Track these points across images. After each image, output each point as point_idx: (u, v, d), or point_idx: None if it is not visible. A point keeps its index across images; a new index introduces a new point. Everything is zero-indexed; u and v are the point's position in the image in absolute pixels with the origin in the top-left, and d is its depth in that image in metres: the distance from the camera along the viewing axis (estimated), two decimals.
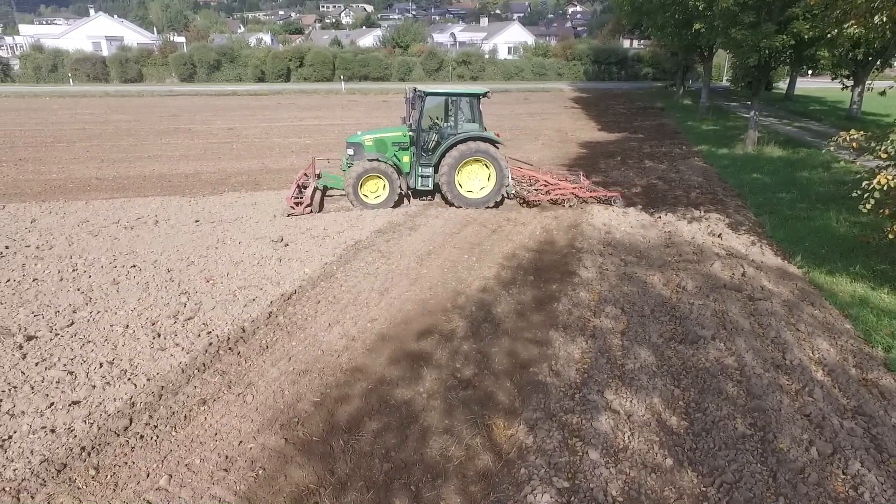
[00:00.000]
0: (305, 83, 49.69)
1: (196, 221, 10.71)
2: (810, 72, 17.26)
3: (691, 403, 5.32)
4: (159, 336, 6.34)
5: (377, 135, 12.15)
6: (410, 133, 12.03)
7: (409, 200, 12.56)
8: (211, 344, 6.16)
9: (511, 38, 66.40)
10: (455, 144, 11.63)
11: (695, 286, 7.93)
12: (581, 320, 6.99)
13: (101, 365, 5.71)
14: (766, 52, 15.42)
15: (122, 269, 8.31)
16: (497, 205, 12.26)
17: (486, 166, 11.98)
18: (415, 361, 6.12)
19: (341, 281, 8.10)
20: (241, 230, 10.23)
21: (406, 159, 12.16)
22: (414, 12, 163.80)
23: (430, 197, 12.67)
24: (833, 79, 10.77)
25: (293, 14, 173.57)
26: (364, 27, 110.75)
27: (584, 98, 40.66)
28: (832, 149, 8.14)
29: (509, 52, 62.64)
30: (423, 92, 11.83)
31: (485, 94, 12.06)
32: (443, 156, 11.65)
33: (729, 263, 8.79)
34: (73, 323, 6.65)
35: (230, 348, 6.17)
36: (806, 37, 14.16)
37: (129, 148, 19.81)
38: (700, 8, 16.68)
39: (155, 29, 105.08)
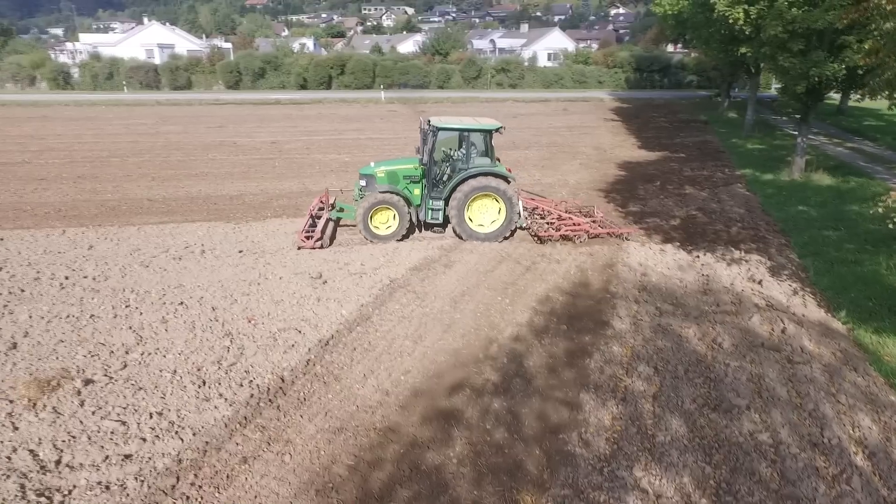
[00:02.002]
0: (346, 91, 50.55)
1: (240, 252, 11.12)
2: (866, 97, 16.47)
3: (722, 484, 5.29)
4: (204, 384, 6.67)
5: (389, 167, 12.35)
6: (422, 166, 12.17)
7: (420, 231, 12.76)
8: (252, 395, 6.45)
9: (551, 44, 65.87)
10: (465, 179, 11.78)
11: (731, 343, 7.82)
12: (613, 380, 7.00)
13: (150, 415, 6.05)
14: (816, 79, 14.91)
15: (170, 305, 8.73)
16: (507, 238, 12.32)
17: (497, 201, 12.07)
18: (446, 421, 6.26)
19: (377, 325, 8.31)
20: (282, 263, 10.58)
21: (417, 192, 12.31)
22: (454, 15, 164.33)
23: (441, 229, 12.69)
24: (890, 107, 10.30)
25: (336, 17, 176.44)
26: (404, 32, 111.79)
27: (625, 109, 40.03)
28: (880, 210, 7.87)
29: (549, 59, 62.19)
30: (436, 127, 11.90)
31: (497, 130, 12.08)
32: (453, 190, 11.81)
33: (768, 317, 8.61)
34: (125, 366, 7.06)
35: (270, 400, 6.44)
36: (860, 69, 13.65)
37: (178, 164, 20.63)
38: (746, 32, 16.27)
39: (204, 34, 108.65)
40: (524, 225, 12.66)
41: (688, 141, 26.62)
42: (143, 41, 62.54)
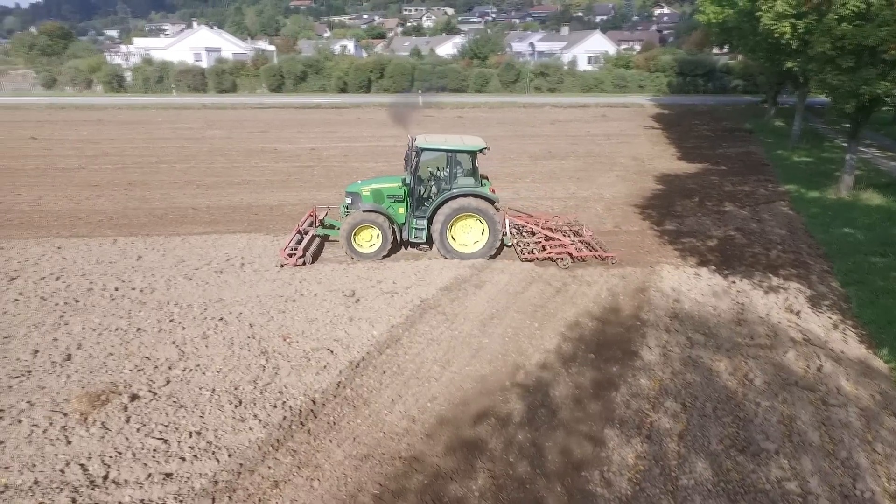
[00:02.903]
0: (385, 94, 51.16)
1: (277, 270, 11.48)
2: None
3: None
4: (240, 404, 6.99)
5: (374, 185, 12.48)
6: (405, 186, 12.24)
7: (406, 248, 12.89)
8: (285, 418, 6.72)
9: (592, 47, 65.01)
10: (448, 199, 11.82)
11: (764, 380, 7.68)
12: (639, 415, 6.99)
13: (190, 434, 6.40)
14: (867, 97, 14.35)
15: (210, 321, 9.14)
16: (492, 257, 12.33)
17: (480, 221, 12.08)
18: (470, 451, 6.39)
19: (406, 347, 8.50)
20: (317, 279, 10.91)
21: (401, 210, 12.39)
22: (494, 16, 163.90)
23: (427, 246, 12.67)
24: None
25: (377, 18, 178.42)
26: (444, 34, 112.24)
27: (666, 116, 39.24)
28: None
29: (589, 63, 61.40)
30: (419, 147, 11.94)
31: (481, 150, 12.08)
32: (436, 210, 11.88)
33: (805, 353, 8.41)
34: (168, 382, 7.46)
35: (301, 423, 6.71)
36: None
37: (222, 170, 21.37)
38: (793, 46, 15.78)
39: (249, 36, 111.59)
40: (510, 244, 12.71)
41: (730, 152, 25.95)
42: (191, 45, 64.80)
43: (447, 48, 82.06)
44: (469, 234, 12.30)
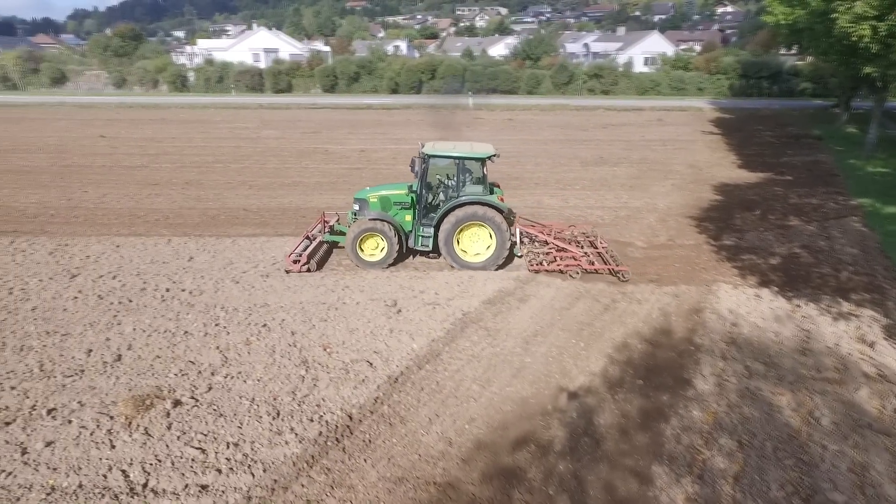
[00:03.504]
0: (435, 96, 51.26)
1: (322, 275, 11.52)
2: None
3: None
4: (278, 416, 6.98)
5: (382, 192, 12.26)
6: (412, 193, 12.00)
7: (413, 257, 12.62)
8: (321, 433, 6.67)
9: (649, 48, 63.06)
10: (455, 208, 11.52)
11: (832, 420, 7.07)
12: (690, 451, 6.55)
13: (227, 445, 6.42)
14: None
15: (254, 327, 9.23)
16: (500, 267, 11.93)
17: (488, 230, 11.73)
18: (507, 480, 6.14)
19: (446, 363, 8.32)
20: (360, 287, 10.88)
21: (408, 218, 12.15)
22: (548, 15, 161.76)
23: (435, 255, 12.32)
24: None
25: (430, 18, 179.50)
26: (497, 34, 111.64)
27: (726, 120, 37.53)
28: None
29: (646, 64, 59.60)
30: (426, 154, 11.70)
31: (489, 158, 11.74)
32: (443, 218, 11.59)
33: (879, 391, 7.70)
34: (210, 388, 7.55)
35: (337, 440, 6.63)
36: None
37: (274, 171, 21.82)
38: (873, 50, 14.66)
39: (306, 36, 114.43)
40: (520, 254, 12.35)
41: (796, 160, 24.48)
42: (250, 46, 66.95)
43: (499, 49, 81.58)
44: (477, 244, 12.00)
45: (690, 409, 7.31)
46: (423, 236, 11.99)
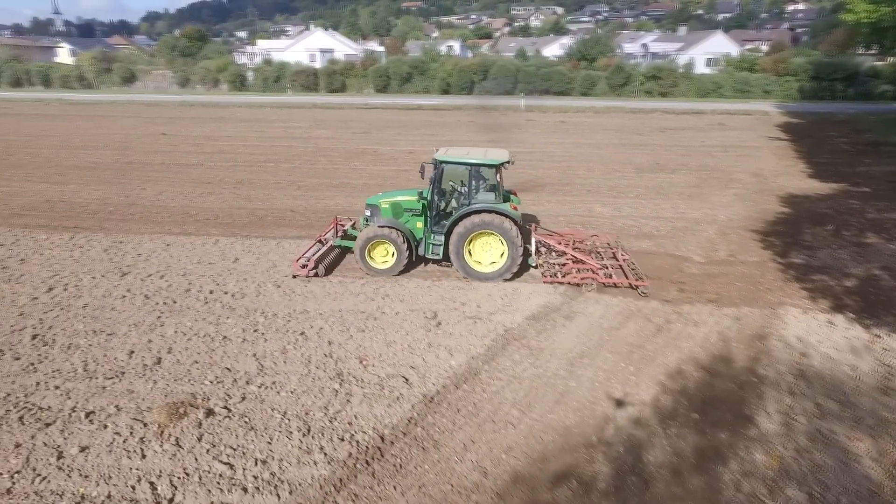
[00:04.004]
0: (487, 97, 50.77)
1: (362, 282, 11.32)
2: None
3: None
4: (309, 432, 6.77)
5: (394, 198, 11.95)
6: (423, 200, 11.63)
7: (425, 265, 12.23)
8: (350, 454, 6.41)
9: (711, 48, 60.47)
10: (466, 216, 11.08)
11: None
12: (751, 501, 5.90)
13: (256, 462, 6.26)
14: None
15: (291, 334, 9.11)
16: (510, 279, 11.40)
17: (501, 240, 11.20)
18: None
19: (485, 384, 7.92)
20: (400, 297, 10.61)
21: (419, 225, 11.78)
22: (605, 14, 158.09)
23: (448, 264, 11.83)
24: None
25: (485, 18, 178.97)
26: (551, 34, 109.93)
27: (795, 125, 35.35)
28: None
29: (707, 65, 57.12)
30: (437, 160, 11.32)
31: (502, 164, 11.29)
32: (453, 226, 11.18)
33: None
34: (244, 398, 7.44)
35: (367, 462, 6.35)
36: None
37: (322, 172, 21.97)
38: None
39: (361, 36, 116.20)
40: (534, 264, 11.81)
41: (874, 170, 22.64)
42: (307, 46, 68.48)
43: (554, 49, 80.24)
44: (489, 253, 11.54)
45: (753, 452, 6.63)
46: (433, 244, 11.70)
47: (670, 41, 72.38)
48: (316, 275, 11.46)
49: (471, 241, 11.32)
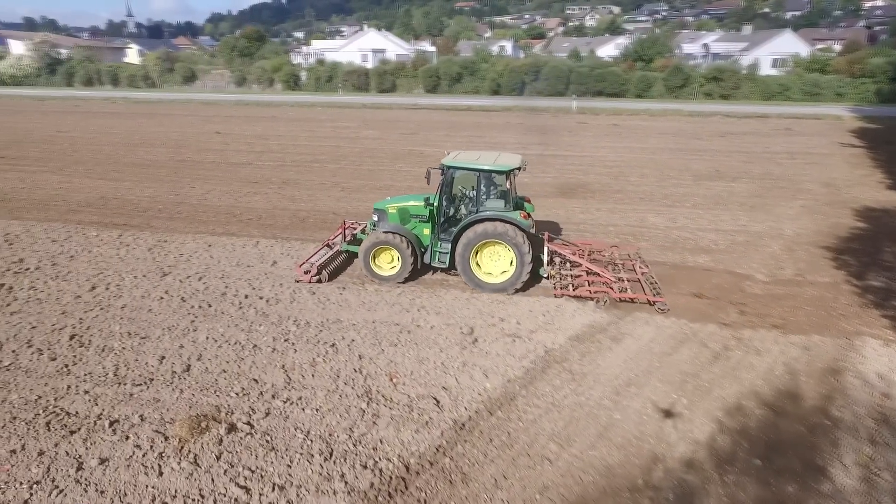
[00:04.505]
0: (537, 98, 49.81)
1: (398, 292, 10.94)
2: None
3: None
4: (331, 456, 6.40)
5: (401, 203, 11.53)
6: (429, 206, 11.17)
7: (432, 273, 11.78)
8: (373, 485, 5.99)
9: (779, 48, 57.27)
10: (473, 223, 10.55)
11: None
12: None
13: (273, 487, 5.93)
14: None
15: (322, 346, 8.81)
16: (518, 290, 10.83)
17: (509, 248, 10.56)
18: None
19: (521, 411, 7.36)
20: (436, 309, 10.15)
21: (427, 232, 11.33)
22: (664, 14, 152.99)
23: (457, 272, 11.31)
24: None
25: (538, 18, 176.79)
26: (607, 34, 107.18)
27: (872, 131, 32.85)
28: None
29: (774, 66, 54.10)
30: (444, 165, 10.80)
31: (511, 171, 10.70)
32: (460, 234, 10.68)
33: None
34: (268, 413, 7.16)
35: (389, 495, 5.92)
36: None
37: (367, 174, 21.84)
38: None
39: (414, 37, 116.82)
40: (546, 275, 11.19)
41: None
42: (360, 46, 69.25)
43: (609, 49, 78.08)
44: (497, 263, 10.98)
45: None
46: (440, 252, 11.27)
47: (734, 41, 69.03)
48: (319, 281, 11.27)
49: (479, 250, 10.92)
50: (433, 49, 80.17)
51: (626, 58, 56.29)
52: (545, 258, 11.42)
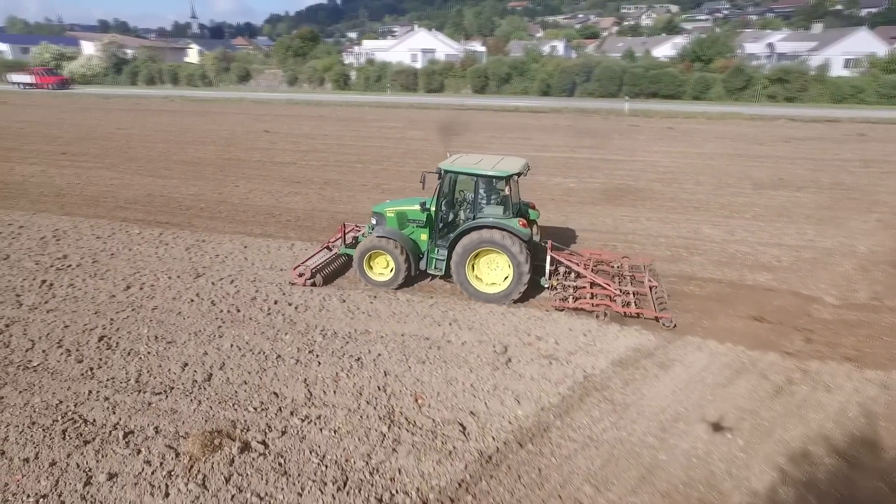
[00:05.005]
0: (588, 99, 48.43)
1: (431, 303, 10.45)
2: None
3: None
4: (345, 486, 5.96)
5: (400, 207, 11.14)
6: (425, 211, 10.89)
7: (430, 280, 11.33)
8: None
9: (852, 47, 53.63)
10: (469, 230, 10.18)
11: None
12: None
13: None
14: None
15: (347, 360, 8.41)
16: (516, 301, 10.22)
17: (507, 258, 9.98)
18: None
19: (554, 444, 6.71)
20: (469, 323, 9.60)
21: (424, 237, 11.00)
22: (726, 12, 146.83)
23: (451, 279, 10.79)
24: None
25: (592, 17, 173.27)
26: (663, 34, 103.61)
27: None
28: None
29: (846, 66, 50.68)
30: (441, 169, 10.37)
31: (510, 176, 10.13)
32: (456, 241, 10.16)
33: None
34: (284, 432, 6.79)
35: None
36: None
37: (409, 175, 21.47)
38: None
39: (464, 37, 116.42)
40: (547, 285, 10.57)
41: None
42: (409, 46, 69.38)
43: (665, 49, 75.36)
44: (495, 272, 10.43)
45: None
46: (437, 258, 10.81)
47: (802, 40, 65.19)
48: (313, 284, 11.02)
49: (476, 258, 10.42)
50: (483, 49, 79.51)
51: (683, 58, 53.99)
52: (547, 267, 10.80)
